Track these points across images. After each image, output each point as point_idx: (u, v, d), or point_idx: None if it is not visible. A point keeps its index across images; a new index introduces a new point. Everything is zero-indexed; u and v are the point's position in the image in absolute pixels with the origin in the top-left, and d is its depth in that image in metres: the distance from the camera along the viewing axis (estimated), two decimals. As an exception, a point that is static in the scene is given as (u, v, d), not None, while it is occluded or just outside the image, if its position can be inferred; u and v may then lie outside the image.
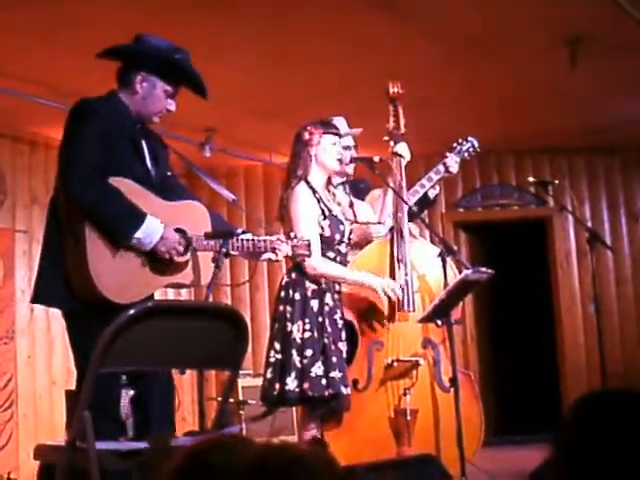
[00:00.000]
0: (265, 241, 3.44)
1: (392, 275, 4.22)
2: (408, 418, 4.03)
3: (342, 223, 4.13)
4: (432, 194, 4.74)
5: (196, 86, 3.41)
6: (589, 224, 7.78)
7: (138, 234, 3.13)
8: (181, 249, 3.25)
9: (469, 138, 4.80)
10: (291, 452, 1.09)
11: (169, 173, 3.49)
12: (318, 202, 4.07)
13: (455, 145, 4.77)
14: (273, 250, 3.45)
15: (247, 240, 3.39)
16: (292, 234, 3.59)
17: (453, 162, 4.65)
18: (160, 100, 3.35)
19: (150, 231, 3.15)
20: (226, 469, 1.09)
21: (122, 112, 3.30)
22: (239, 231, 3.41)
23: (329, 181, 4.21)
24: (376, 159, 4.28)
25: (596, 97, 6.72)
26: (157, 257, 3.20)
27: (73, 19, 4.85)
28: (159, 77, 3.32)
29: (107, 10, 4.77)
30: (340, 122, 4.54)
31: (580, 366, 8.03)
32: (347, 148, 4.46)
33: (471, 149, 4.78)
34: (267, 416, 4.22)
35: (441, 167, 4.63)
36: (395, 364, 4.14)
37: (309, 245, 3.55)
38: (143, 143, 3.34)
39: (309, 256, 3.67)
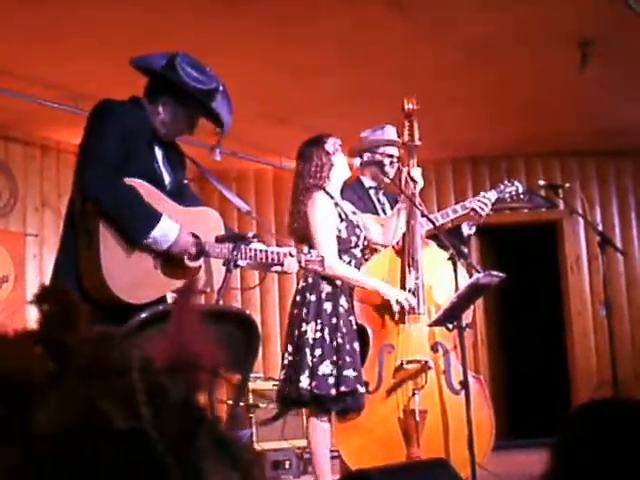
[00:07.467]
0: (278, 253, 3.45)
1: (403, 280, 4.24)
2: (417, 419, 4.06)
3: (358, 227, 4.20)
4: (466, 232, 4.77)
5: (216, 121, 3.44)
6: (600, 227, 7.76)
7: (154, 233, 3.14)
8: (194, 250, 3.25)
9: (515, 182, 4.84)
10: None
11: (185, 181, 3.51)
12: (335, 206, 4.14)
13: (499, 184, 4.82)
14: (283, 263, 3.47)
15: (260, 250, 3.40)
16: (306, 249, 3.62)
17: (485, 199, 4.63)
18: (179, 127, 3.40)
19: (166, 231, 3.17)
20: None
21: (141, 118, 3.32)
22: (250, 235, 3.42)
23: (342, 191, 4.27)
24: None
25: (607, 100, 6.70)
26: (170, 259, 3.21)
27: (86, 23, 4.87)
28: (182, 107, 3.34)
29: (120, 14, 4.78)
30: (389, 131, 4.65)
31: (591, 370, 8.01)
32: (390, 156, 4.56)
33: (514, 192, 4.80)
34: (279, 418, 4.24)
35: (467, 203, 4.64)
36: (405, 365, 4.16)
37: (322, 261, 3.56)
38: (157, 150, 3.37)
39: (322, 272, 3.71)
